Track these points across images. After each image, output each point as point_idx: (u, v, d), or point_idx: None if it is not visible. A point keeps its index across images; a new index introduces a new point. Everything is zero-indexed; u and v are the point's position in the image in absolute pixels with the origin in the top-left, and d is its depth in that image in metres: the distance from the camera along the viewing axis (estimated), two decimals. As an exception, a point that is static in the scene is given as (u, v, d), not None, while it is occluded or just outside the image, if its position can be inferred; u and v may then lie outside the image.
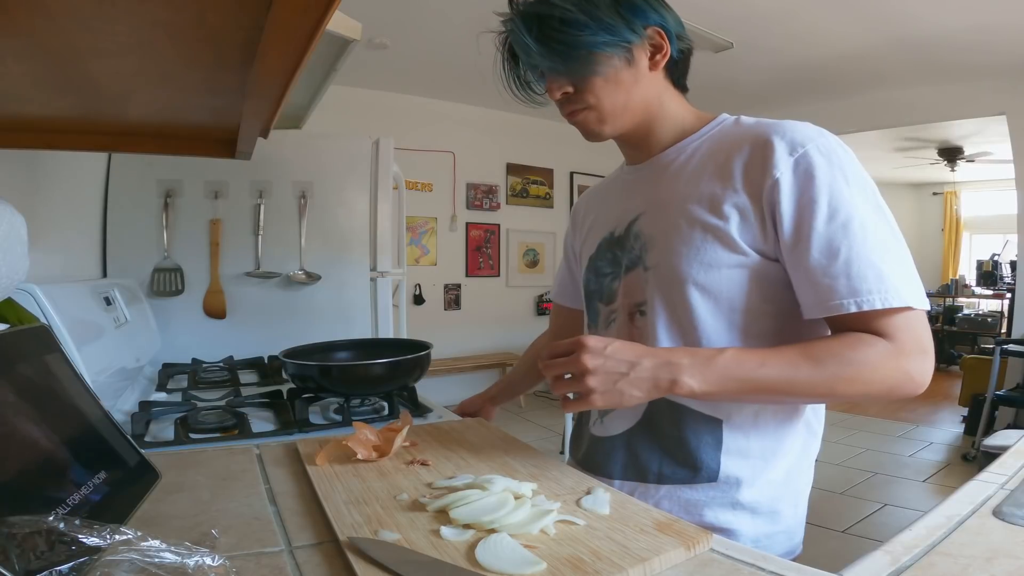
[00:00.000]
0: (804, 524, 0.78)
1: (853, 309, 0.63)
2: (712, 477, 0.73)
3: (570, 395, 0.66)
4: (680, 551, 0.52)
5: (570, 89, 0.75)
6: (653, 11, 0.75)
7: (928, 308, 0.66)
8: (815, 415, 0.78)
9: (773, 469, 0.74)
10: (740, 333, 0.72)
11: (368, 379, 1.13)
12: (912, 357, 0.64)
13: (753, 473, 0.73)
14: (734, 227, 0.70)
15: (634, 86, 0.75)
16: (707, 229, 0.71)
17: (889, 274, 0.63)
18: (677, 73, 0.80)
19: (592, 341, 0.65)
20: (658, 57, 0.75)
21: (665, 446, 0.76)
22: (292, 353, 1.19)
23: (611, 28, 0.72)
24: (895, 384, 0.64)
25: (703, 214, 0.71)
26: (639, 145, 0.83)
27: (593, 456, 0.84)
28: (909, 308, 0.64)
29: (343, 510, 0.61)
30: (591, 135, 0.79)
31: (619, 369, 0.64)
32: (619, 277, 0.82)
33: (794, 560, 0.70)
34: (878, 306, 0.62)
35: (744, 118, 0.78)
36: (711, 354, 0.65)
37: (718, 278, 0.71)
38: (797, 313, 0.69)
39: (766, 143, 0.69)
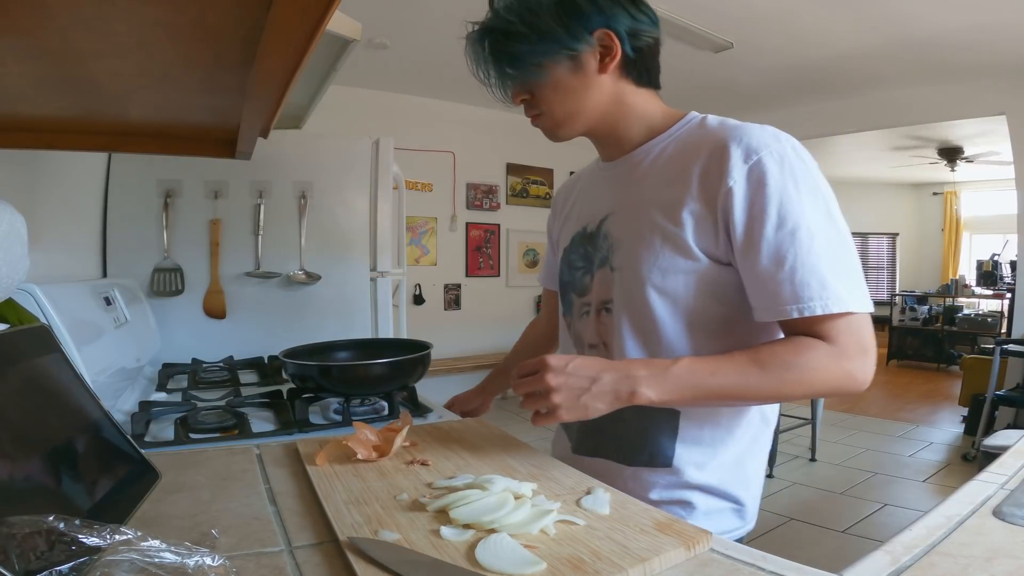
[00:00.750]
0: (757, 504, 0.83)
1: (796, 315, 0.67)
2: (667, 463, 0.79)
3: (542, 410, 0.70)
4: (680, 551, 0.52)
5: (527, 96, 0.80)
6: (599, 14, 0.75)
7: (871, 310, 0.69)
8: (771, 407, 0.82)
9: (724, 454, 0.79)
10: (697, 333, 0.76)
11: (368, 379, 1.13)
12: (854, 359, 0.67)
13: (704, 458, 0.78)
14: (689, 234, 0.73)
15: (585, 91, 0.77)
16: (666, 236, 0.74)
17: (832, 281, 0.66)
18: (639, 70, 0.80)
19: (554, 360, 0.68)
20: (607, 60, 0.76)
21: (627, 434, 0.81)
22: (292, 353, 1.19)
23: (552, 37, 0.74)
24: (838, 384, 0.68)
25: (662, 221, 0.75)
26: (607, 143, 0.85)
27: (576, 438, 0.90)
28: (850, 312, 0.67)
29: (343, 510, 0.61)
30: (551, 137, 0.83)
31: (581, 385, 0.68)
32: (591, 272, 0.85)
33: (744, 537, 0.81)
34: (819, 312, 0.66)
35: (710, 119, 0.79)
36: (666, 365, 0.69)
37: (675, 282, 0.74)
38: (751, 314, 0.72)
39: (723, 150, 0.71)
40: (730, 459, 0.79)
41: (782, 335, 0.72)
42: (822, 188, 0.70)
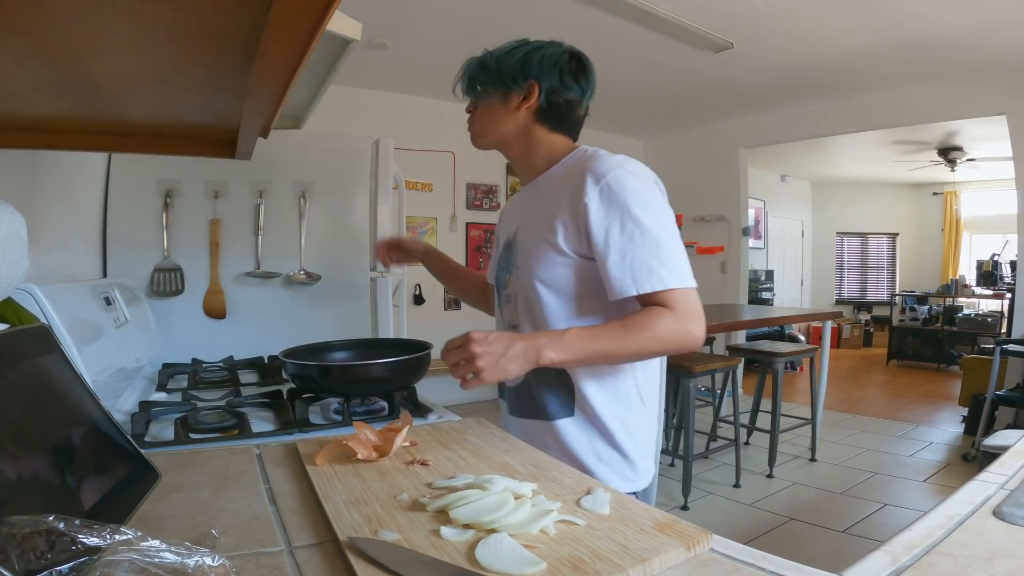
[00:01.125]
0: (647, 462, 1.03)
1: (634, 293, 0.90)
2: (570, 414, 1.01)
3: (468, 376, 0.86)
4: (680, 551, 0.52)
5: (472, 109, 1.09)
6: (538, 70, 1.02)
7: (693, 285, 0.93)
8: (647, 386, 1.04)
9: (608, 418, 0.99)
10: (574, 312, 0.99)
11: (368, 379, 1.13)
12: (688, 320, 0.90)
13: (594, 417, 0.99)
14: (561, 238, 0.97)
15: (501, 118, 1.05)
16: (548, 241, 0.98)
17: (656, 267, 0.90)
18: (551, 119, 1.05)
19: (477, 334, 0.86)
20: (523, 102, 1.03)
21: (538, 396, 1.02)
22: (292, 353, 1.19)
23: (500, 75, 1.03)
24: (681, 339, 0.90)
25: (545, 231, 0.99)
26: (520, 168, 1.12)
27: (509, 400, 1.10)
28: (675, 288, 0.90)
29: (343, 510, 0.61)
30: (473, 143, 1.11)
31: (498, 351, 0.85)
32: (509, 272, 1.09)
33: (638, 492, 1.00)
34: (648, 290, 0.90)
35: (589, 151, 1.03)
36: (561, 333, 0.89)
37: (555, 274, 0.99)
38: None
39: (582, 176, 0.95)
40: (615, 420, 1.00)
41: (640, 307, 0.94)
42: (651, 199, 0.94)
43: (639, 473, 1.02)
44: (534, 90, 1.02)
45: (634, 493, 1.00)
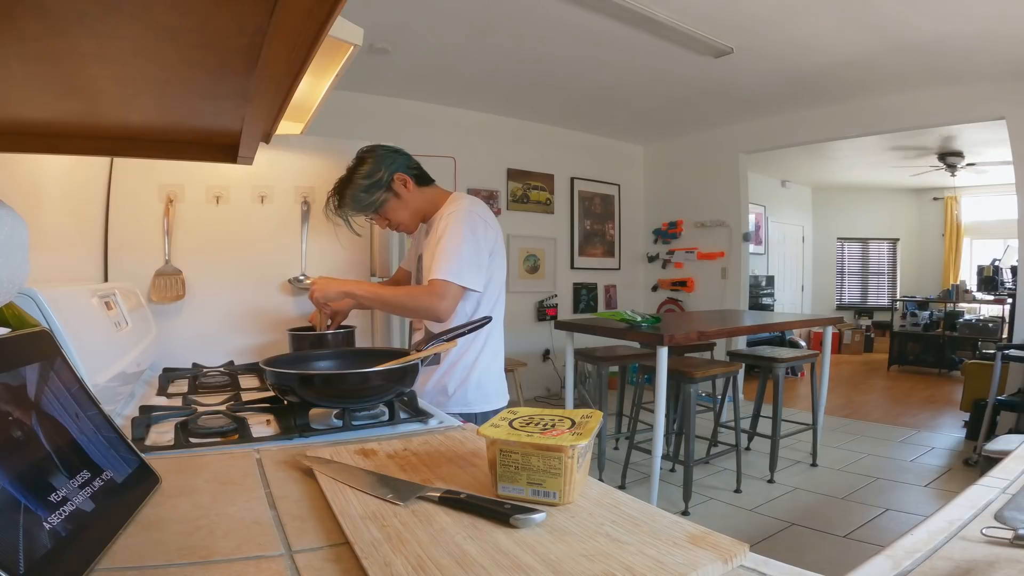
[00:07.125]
0: (488, 401, 1.57)
1: (432, 276, 1.44)
2: (436, 363, 1.57)
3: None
4: (718, 565, 0.50)
5: (381, 220, 1.60)
6: (388, 167, 1.54)
7: (458, 282, 1.43)
8: (487, 352, 1.57)
9: (459, 370, 1.55)
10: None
11: (359, 389, 1.07)
12: (437, 298, 1.42)
13: (452, 370, 1.55)
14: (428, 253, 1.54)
15: (405, 204, 1.57)
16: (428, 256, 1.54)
17: (442, 264, 1.43)
18: (422, 179, 1.59)
19: (318, 280, 1.51)
20: (409, 184, 1.56)
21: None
22: (273, 361, 1.13)
23: (379, 187, 1.53)
24: (427, 306, 1.43)
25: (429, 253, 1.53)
26: (423, 220, 1.64)
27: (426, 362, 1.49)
28: (438, 279, 1.43)
29: (360, 526, 0.58)
30: (407, 231, 1.66)
31: (325, 287, 1.48)
32: (421, 281, 1.62)
33: (477, 415, 1.53)
34: (433, 275, 1.44)
35: (457, 196, 1.60)
36: (362, 283, 1.56)
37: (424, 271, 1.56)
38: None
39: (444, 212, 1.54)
40: (464, 371, 1.55)
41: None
42: (466, 224, 1.47)
43: (471, 402, 1.54)
44: (403, 174, 1.54)
45: (473, 415, 1.50)
